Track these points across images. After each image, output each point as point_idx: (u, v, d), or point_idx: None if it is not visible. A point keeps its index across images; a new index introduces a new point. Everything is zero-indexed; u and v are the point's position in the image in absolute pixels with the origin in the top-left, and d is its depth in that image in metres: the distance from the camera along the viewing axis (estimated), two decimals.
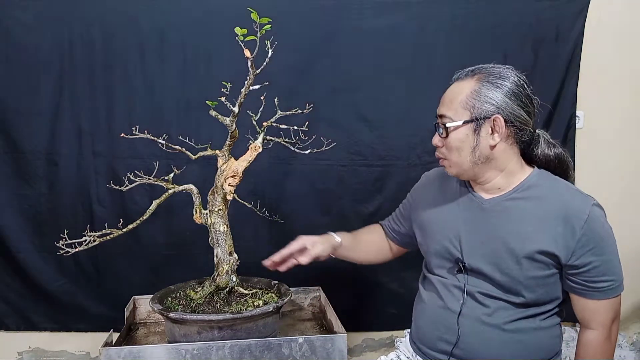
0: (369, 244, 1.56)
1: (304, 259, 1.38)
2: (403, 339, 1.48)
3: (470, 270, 1.25)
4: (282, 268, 1.40)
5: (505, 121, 1.18)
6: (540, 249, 1.17)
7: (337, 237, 1.46)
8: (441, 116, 1.23)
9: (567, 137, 2.14)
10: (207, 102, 1.42)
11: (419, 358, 1.35)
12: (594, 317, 1.21)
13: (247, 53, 1.31)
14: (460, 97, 1.20)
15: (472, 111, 1.19)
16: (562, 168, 1.30)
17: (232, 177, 1.40)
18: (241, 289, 1.46)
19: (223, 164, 1.44)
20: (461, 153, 1.21)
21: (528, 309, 1.22)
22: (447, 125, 1.21)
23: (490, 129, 1.18)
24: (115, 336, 1.45)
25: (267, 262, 1.39)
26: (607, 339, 1.21)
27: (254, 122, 1.48)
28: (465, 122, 1.19)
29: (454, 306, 1.26)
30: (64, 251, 1.33)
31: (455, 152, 1.21)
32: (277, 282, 1.56)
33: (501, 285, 1.21)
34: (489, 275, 1.22)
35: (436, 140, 1.25)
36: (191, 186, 1.46)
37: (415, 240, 1.44)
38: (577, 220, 1.15)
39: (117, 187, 1.43)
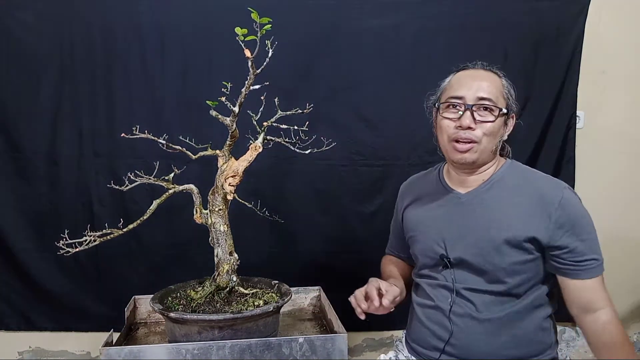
0: (405, 278, 1.48)
1: (386, 302, 1.24)
2: (402, 338, 1.48)
3: (455, 264, 1.27)
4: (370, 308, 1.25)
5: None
6: (519, 235, 1.20)
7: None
8: (486, 99, 1.23)
9: (567, 137, 2.14)
10: (207, 102, 1.41)
11: (414, 358, 1.36)
12: (594, 298, 1.20)
13: (248, 53, 1.31)
14: (498, 86, 1.26)
15: (507, 103, 1.27)
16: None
17: (232, 177, 1.40)
18: (241, 289, 1.45)
19: (223, 163, 1.44)
20: (494, 139, 1.26)
21: (514, 301, 1.23)
22: (503, 110, 1.24)
23: (506, 124, 1.28)
24: (116, 336, 1.45)
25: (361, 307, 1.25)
26: (617, 316, 1.21)
27: (254, 122, 1.48)
28: (506, 112, 1.26)
29: (444, 305, 1.28)
30: (64, 251, 1.32)
31: (492, 137, 1.25)
32: (277, 282, 1.56)
33: (485, 274, 1.24)
34: (473, 265, 1.25)
35: (468, 121, 1.22)
36: (191, 186, 1.46)
37: None
38: (551, 204, 1.19)
39: (117, 187, 1.42)
